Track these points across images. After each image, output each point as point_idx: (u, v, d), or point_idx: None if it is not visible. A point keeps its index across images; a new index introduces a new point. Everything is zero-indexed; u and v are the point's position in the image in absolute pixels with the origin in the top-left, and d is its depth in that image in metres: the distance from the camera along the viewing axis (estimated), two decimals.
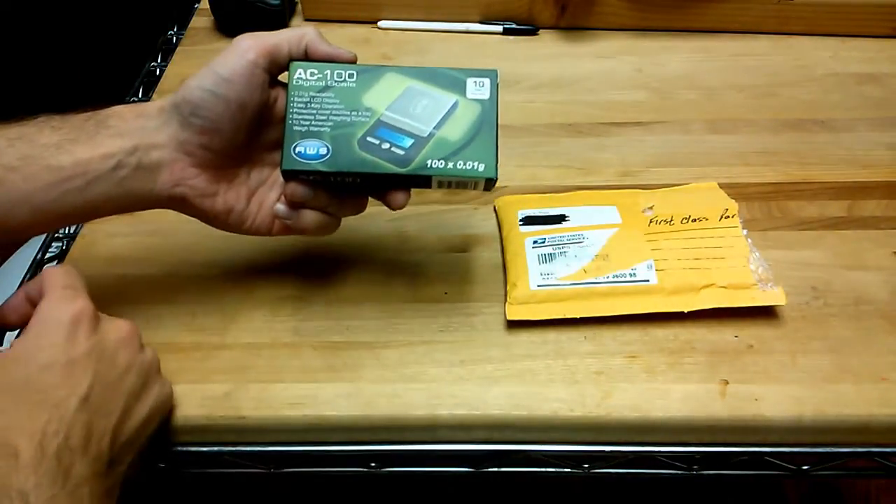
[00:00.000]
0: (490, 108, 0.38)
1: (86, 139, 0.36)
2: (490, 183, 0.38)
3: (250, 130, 0.38)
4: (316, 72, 0.38)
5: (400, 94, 0.38)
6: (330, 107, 0.38)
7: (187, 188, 0.38)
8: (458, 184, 0.38)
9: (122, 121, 0.37)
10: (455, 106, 0.38)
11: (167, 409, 0.38)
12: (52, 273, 0.36)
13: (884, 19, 0.64)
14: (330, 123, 0.37)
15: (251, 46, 0.37)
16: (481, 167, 0.37)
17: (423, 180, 0.38)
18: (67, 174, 0.35)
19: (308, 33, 0.38)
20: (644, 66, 0.63)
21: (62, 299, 0.34)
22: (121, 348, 0.35)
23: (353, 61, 0.39)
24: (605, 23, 0.67)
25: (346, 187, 0.39)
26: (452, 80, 0.39)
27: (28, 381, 0.31)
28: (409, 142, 0.37)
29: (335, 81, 0.38)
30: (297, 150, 0.37)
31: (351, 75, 0.38)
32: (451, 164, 0.37)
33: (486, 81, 0.39)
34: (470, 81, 0.39)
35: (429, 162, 0.37)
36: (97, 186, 0.36)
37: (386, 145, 0.37)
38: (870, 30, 0.65)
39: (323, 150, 0.37)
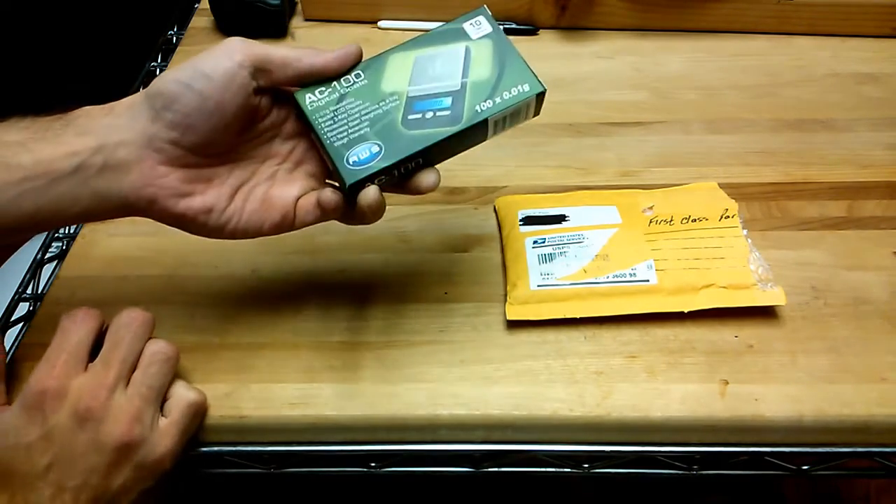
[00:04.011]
0: (499, 38, 0.38)
1: (51, 138, 0.34)
2: (541, 99, 0.38)
3: (231, 135, 0.36)
4: (323, 88, 0.37)
5: (412, 68, 0.38)
6: (357, 110, 0.37)
7: (157, 188, 0.35)
8: (512, 116, 0.38)
9: (89, 119, 0.35)
10: (468, 51, 0.38)
11: (157, 470, 0.36)
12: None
13: (884, 19, 0.64)
14: (366, 123, 0.37)
15: (239, 49, 0.35)
16: (526, 87, 0.37)
17: (479, 131, 0.38)
18: (27, 173, 0.33)
19: (304, 58, 0.36)
20: (644, 66, 0.63)
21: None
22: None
23: (355, 57, 0.38)
24: (605, 23, 0.67)
25: (409, 174, 0.38)
26: (451, 33, 0.38)
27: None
28: (447, 101, 0.37)
29: (346, 87, 0.37)
30: (351, 160, 0.36)
31: (358, 75, 0.38)
32: (498, 99, 0.37)
33: (481, 18, 0.39)
34: (467, 25, 0.39)
35: (478, 107, 0.37)
36: (60, 186, 0.34)
37: (430, 114, 0.37)
38: (870, 30, 0.65)
39: (375, 149, 0.36)
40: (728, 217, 0.46)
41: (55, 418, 0.34)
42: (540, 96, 0.38)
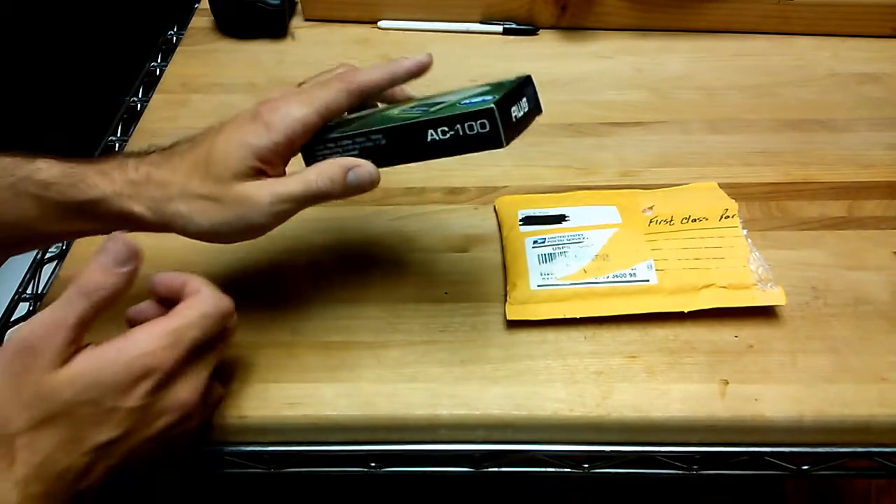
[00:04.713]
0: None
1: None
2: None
3: None
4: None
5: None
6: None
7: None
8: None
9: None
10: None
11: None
12: (201, 300, 0.34)
13: (884, 19, 0.64)
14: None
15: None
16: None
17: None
18: None
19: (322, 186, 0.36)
20: (644, 66, 0.63)
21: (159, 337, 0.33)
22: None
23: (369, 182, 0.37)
24: (605, 23, 0.67)
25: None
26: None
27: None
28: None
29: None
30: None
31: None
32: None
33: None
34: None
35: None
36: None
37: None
38: (870, 30, 0.65)
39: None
40: (728, 217, 0.46)
41: (143, 400, 0.32)
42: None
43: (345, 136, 0.37)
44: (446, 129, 0.34)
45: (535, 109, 0.36)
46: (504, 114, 0.33)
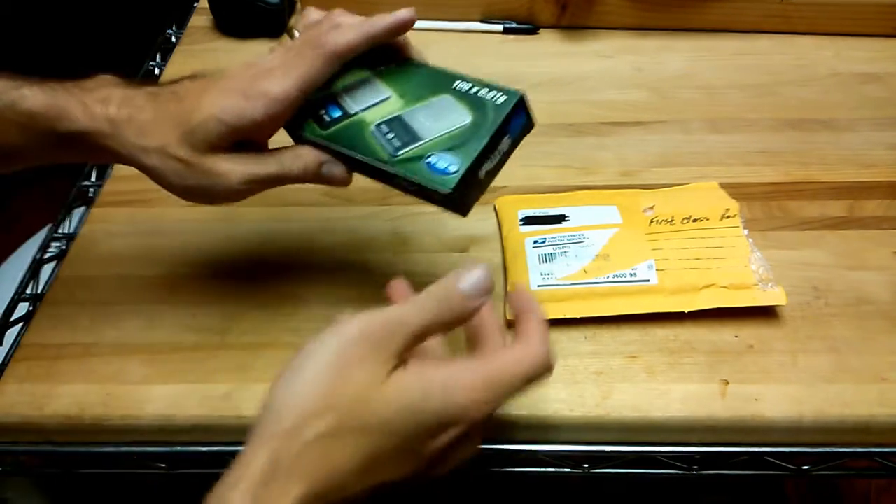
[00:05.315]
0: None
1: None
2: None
3: None
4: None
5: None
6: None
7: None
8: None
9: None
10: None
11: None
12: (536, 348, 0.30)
13: (886, 19, 0.64)
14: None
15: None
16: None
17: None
18: None
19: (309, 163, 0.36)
20: (644, 66, 0.63)
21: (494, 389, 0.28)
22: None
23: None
24: (605, 22, 0.67)
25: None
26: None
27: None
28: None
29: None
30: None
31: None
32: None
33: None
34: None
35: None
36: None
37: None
38: (872, 29, 0.65)
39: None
40: (729, 217, 0.46)
41: (442, 447, 0.29)
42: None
43: (322, 146, 0.37)
44: (410, 185, 0.35)
45: (527, 127, 0.36)
46: (462, 190, 0.33)
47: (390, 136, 0.35)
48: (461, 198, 0.34)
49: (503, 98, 0.34)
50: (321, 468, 0.27)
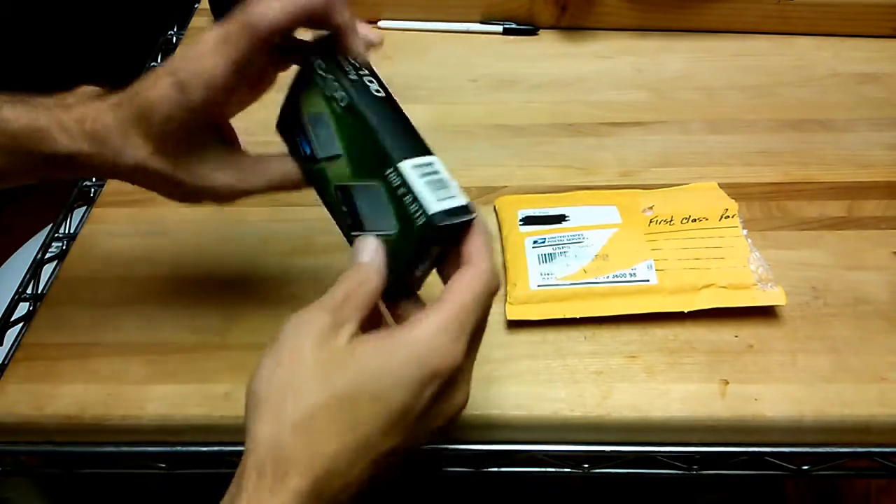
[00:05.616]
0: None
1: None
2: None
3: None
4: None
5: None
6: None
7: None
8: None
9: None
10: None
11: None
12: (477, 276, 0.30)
13: (884, 19, 0.64)
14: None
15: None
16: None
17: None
18: None
19: None
20: (644, 66, 0.63)
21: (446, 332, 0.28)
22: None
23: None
24: (604, 23, 0.67)
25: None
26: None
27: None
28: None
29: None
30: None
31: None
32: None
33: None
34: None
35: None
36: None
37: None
38: (870, 30, 0.65)
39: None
40: (728, 217, 0.46)
41: (428, 405, 0.28)
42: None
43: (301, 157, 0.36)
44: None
45: (461, 226, 0.31)
46: (402, 284, 0.33)
47: (344, 208, 0.34)
48: (404, 287, 0.34)
49: (421, 219, 0.30)
50: (311, 454, 0.27)
